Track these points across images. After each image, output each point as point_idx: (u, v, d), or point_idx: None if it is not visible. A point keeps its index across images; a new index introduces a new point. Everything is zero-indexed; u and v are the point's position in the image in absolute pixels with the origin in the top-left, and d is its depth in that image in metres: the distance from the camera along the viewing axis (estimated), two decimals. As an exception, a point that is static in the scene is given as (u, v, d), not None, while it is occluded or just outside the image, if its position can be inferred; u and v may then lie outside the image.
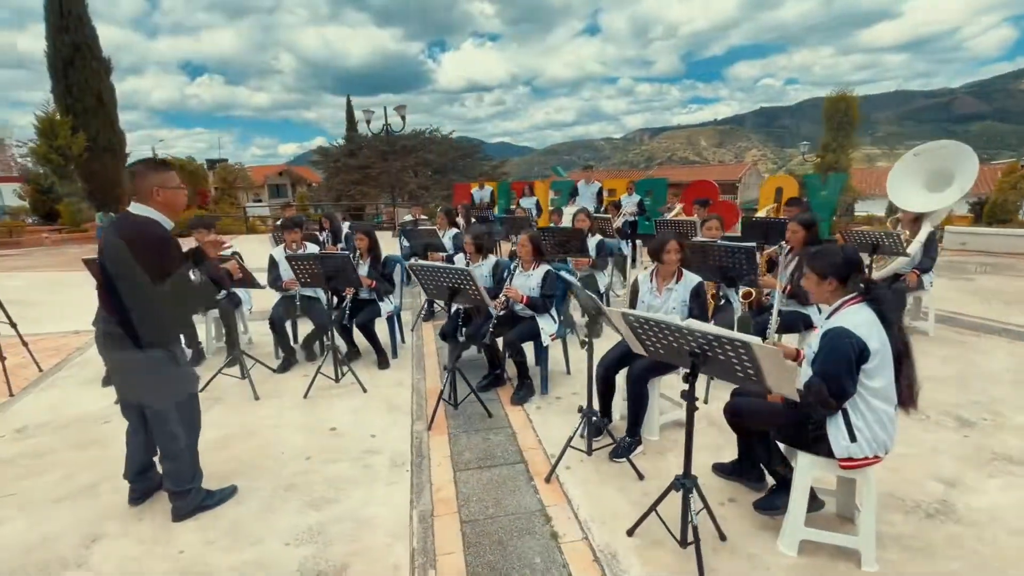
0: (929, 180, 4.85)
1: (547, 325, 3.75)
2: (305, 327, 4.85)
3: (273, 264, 4.64)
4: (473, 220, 7.60)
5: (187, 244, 2.65)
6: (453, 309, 4.07)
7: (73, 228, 15.36)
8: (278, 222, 8.52)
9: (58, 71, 14.85)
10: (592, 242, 5.18)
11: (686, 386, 2.02)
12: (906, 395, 2.05)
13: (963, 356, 4.54)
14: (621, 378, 3.20)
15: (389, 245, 7.28)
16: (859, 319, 2.00)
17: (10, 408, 3.91)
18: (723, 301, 4.01)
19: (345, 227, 7.42)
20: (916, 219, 4.90)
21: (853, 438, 2.02)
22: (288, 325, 4.75)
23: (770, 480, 2.52)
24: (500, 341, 3.90)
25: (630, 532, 2.36)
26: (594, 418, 2.95)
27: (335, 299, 4.38)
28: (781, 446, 2.40)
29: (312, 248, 4.74)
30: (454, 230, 5.92)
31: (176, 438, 2.44)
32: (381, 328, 4.75)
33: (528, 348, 3.86)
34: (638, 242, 8.56)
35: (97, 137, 15.41)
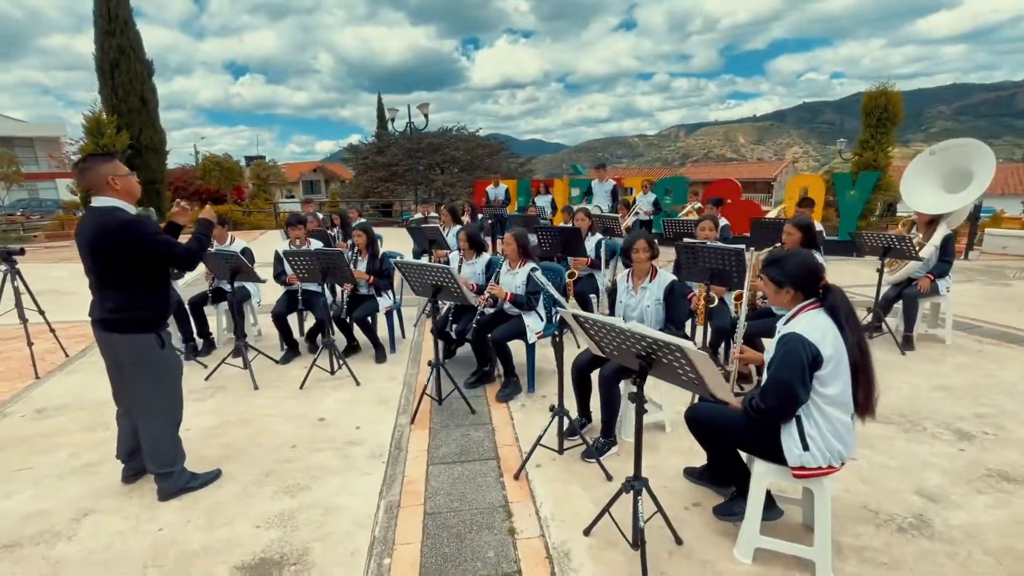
0: (946, 180, 4.61)
1: (533, 323, 3.78)
2: (312, 320, 5.02)
3: (278, 259, 4.82)
4: (481, 216, 7.67)
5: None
6: (445, 307, 4.15)
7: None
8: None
9: (105, 73, 15.71)
10: (591, 241, 5.16)
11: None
12: (862, 403, 1.99)
13: (979, 365, 4.32)
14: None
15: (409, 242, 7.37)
16: (813, 325, 1.95)
17: (34, 390, 4.21)
18: (716, 303, 3.94)
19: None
20: (931, 221, 4.67)
21: (806, 447, 1.98)
22: (295, 318, 4.93)
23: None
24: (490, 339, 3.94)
25: (587, 532, 2.37)
26: (570, 418, 2.96)
27: (342, 294, 4.53)
28: (743, 454, 2.36)
29: (316, 244, 4.90)
30: (457, 227, 5.99)
31: (158, 421, 2.59)
32: (382, 324, 4.89)
33: (520, 346, 3.90)
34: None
35: (140, 136, 16.23)
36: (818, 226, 5.46)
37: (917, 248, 4.51)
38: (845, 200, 9.89)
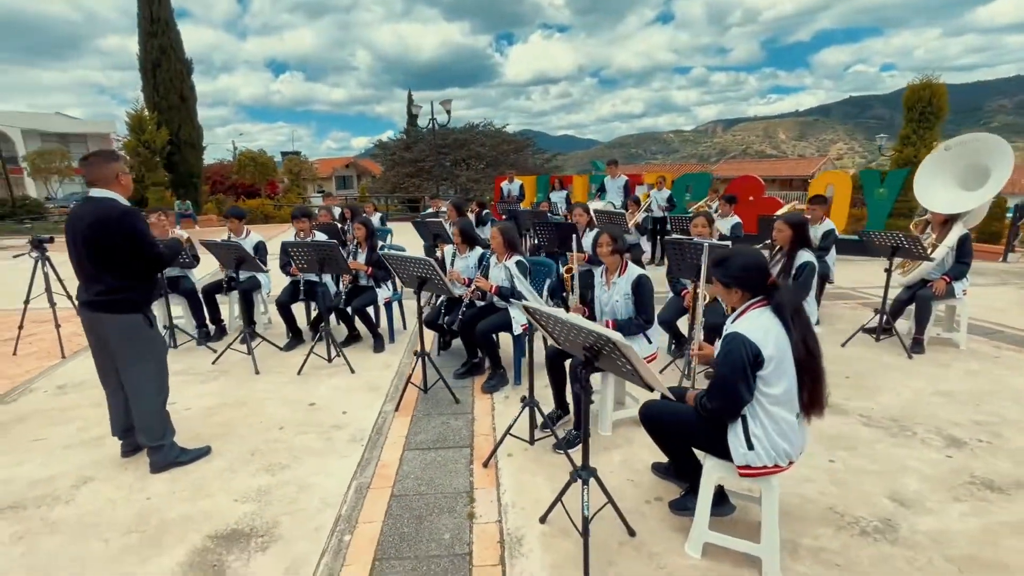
0: (963, 177, 4.39)
1: (519, 315, 3.83)
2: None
3: (283, 250, 5.01)
4: (486, 212, 7.75)
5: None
6: (439, 299, 4.25)
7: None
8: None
9: (147, 72, 16.54)
10: (589, 237, 5.16)
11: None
12: (807, 403, 1.96)
13: (990, 372, 4.13)
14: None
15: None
16: (757, 324, 1.94)
17: (59, 369, 4.53)
18: (707, 300, 3.89)
19: (376, 218, 7.82)
20: (947, 220, 4.47)
21: (750, 446, 1.97)
22: (302, 307, 5.12)
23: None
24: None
25: (542, 519, 2.42)
26: (541, 411, 3.01)
27: (348, 285, 4.71)
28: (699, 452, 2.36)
29: (321, 237, 5.08)
30: (460, 222, 6.08)
31: (147, 397, 2.78)
32: (383, 315, 5.03)
33: (509, 338, 3.95)
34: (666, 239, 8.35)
35: (179, 132, 17.02)
36: (828, 224, 5.30)
37: (929, 249, 4.33)
38: (873, 198, 9.50)
